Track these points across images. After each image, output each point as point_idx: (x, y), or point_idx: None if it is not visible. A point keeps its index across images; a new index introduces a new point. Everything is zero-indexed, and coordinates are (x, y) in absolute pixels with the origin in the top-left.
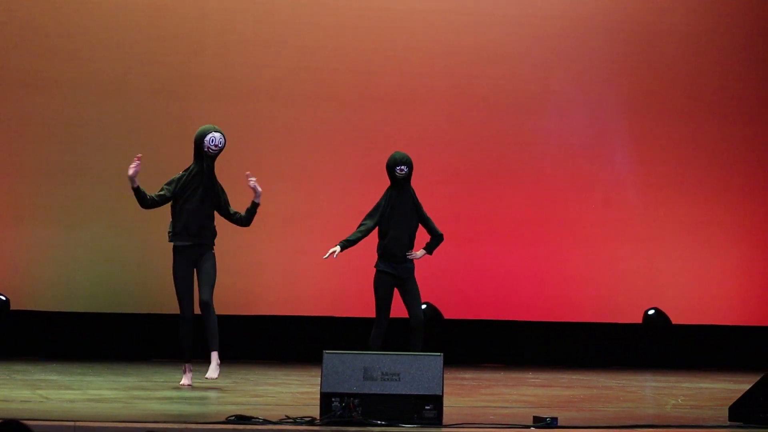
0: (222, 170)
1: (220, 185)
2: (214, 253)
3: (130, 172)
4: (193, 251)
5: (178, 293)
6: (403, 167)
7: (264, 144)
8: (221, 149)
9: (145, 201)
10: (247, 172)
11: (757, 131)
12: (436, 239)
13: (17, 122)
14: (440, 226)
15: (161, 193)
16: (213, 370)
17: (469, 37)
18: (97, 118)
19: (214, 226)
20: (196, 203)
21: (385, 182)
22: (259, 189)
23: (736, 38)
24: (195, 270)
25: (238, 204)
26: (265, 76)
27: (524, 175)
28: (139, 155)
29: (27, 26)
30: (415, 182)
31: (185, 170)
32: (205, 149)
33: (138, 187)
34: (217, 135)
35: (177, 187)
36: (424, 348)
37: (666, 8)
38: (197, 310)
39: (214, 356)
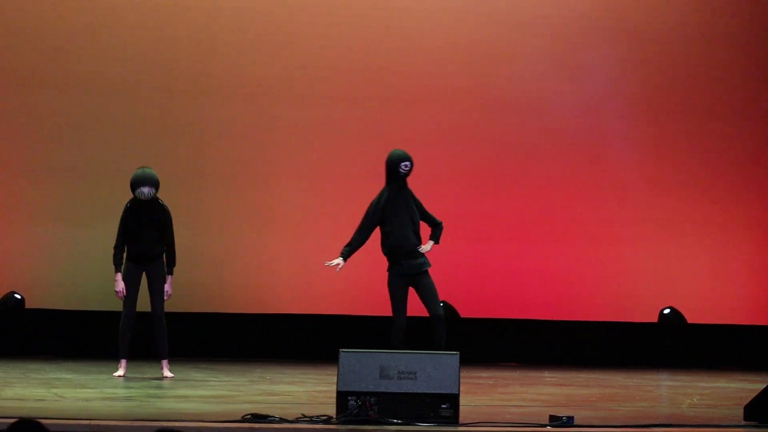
0: (234, 168)
1: (164, 222)
2: (163, 262)
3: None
4: (143, 260)
5: (126, 293)
6: (406, 163)
7: (276, 143)
8: (153, 197)
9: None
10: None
11: None
12: (438, 228)
13: (29, 122)
14: (458, 225)
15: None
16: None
17: (480, 37)
18: (109, 117)
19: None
20: (142, 241)
21: None
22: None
23: (747, 34)
24: (145, 273)
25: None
26: (276, 76)
27: (539, 175)
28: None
29: (37, 25)
30: (428, 181)
31: (130, 200)
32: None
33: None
34: (146, 190)
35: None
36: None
37: (673, 8)
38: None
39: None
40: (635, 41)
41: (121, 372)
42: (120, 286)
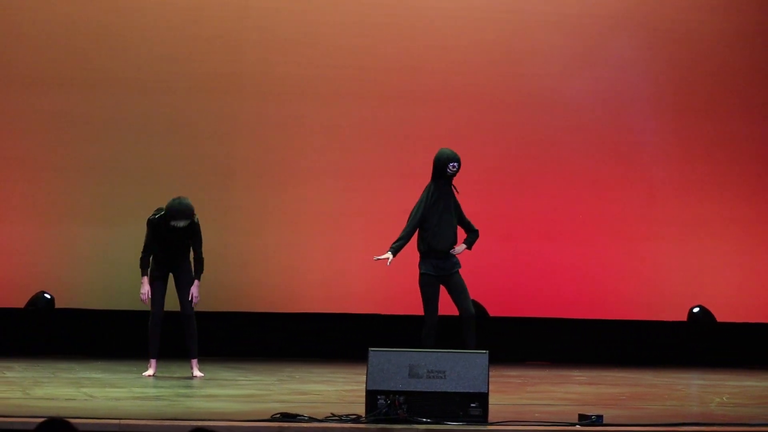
0: (262, 167)
1: (191, 232)
2: (190, 263)
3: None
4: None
5: (151, 293)
6: (454, 164)
7: (305, 142)
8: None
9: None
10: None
11: None
12: (474, 235)
13: (59, 121)
14: (483, 224)
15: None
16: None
17: (506, 35)
18: (139, 116)
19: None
20: (169, 249)
21: (426, 178)
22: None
23: None
24: (172, 273)
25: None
26: (305, 75)
27: (567, 173)
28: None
29: (67, 26)
30: (460, 179)
31: (158, 217)
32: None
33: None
34: (181, 223)
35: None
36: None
37: (699, 6)
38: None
39: (195, 363)
40: (662, 40)
41: (150, 371)
42: (145, 289)
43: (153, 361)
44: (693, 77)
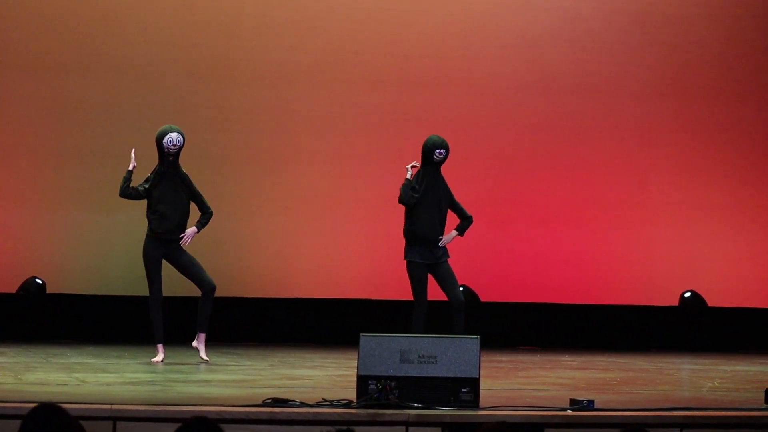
0: (257, 152)
1: (187, 178)
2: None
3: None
4: (164, 241)
5: (149, 276)
6: (441, 150)
7: (300, 127)
8: (181, 147)
9: (127, 189)
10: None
11: None
12: (466, 221)
13: (53, 106)
14: (477, 209)
15: (139, 188)
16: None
17: (506, 20)
18: (133, 101)
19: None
20: (169, 201)
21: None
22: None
23: None
24: (165, 255)
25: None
26: (301, 60)
27: (561, 158)
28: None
29: (61, 11)
30: (452, 165)
31: (153, 171)
32: (165, 150)
33: (131, 172)
34: (174, 135)
35: (149, 186)
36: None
37: None
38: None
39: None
40: (658, 22)
41: (159, 357)
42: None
43: (160, 347)
44: (688, 61)
